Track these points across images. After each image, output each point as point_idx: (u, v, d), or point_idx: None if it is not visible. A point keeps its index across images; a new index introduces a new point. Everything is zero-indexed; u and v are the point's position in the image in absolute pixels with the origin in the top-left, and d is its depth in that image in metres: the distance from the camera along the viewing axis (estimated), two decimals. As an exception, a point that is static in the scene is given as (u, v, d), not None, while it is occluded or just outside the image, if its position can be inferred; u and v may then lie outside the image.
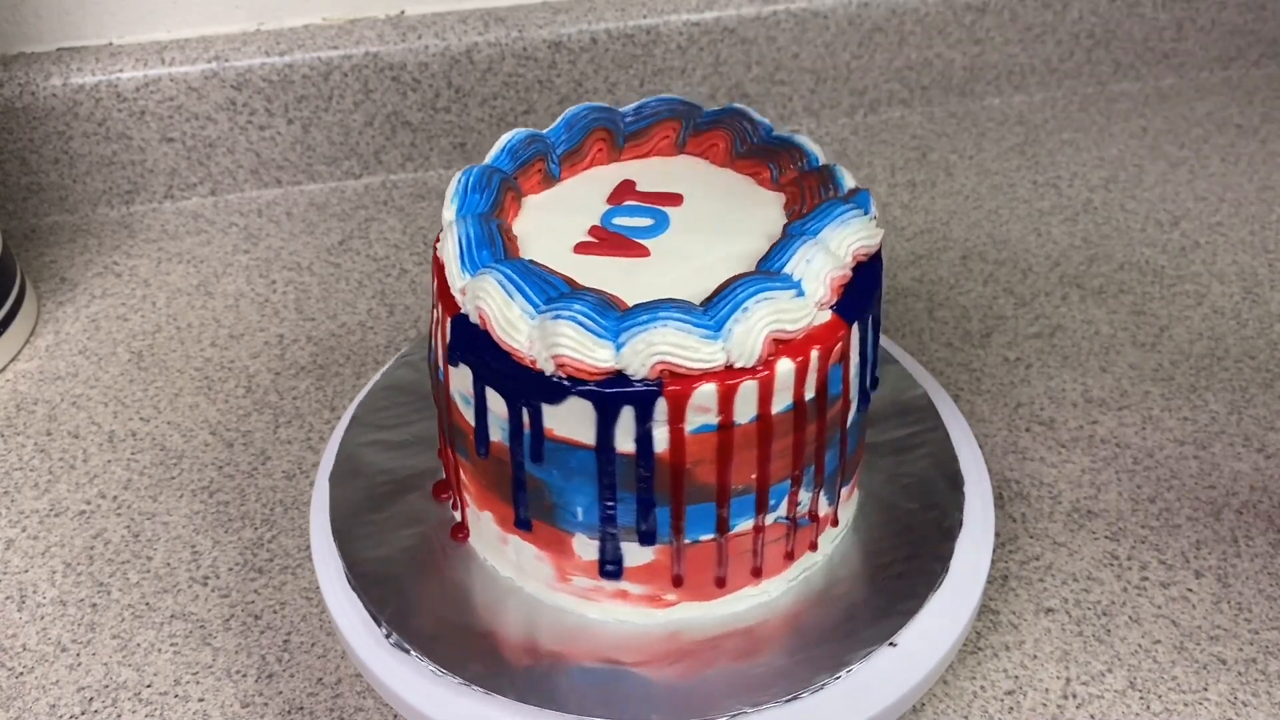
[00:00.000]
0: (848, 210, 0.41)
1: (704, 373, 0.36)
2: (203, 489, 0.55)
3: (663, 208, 0.43)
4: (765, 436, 0.38)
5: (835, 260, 0.39)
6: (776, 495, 0.40)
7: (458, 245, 0.40)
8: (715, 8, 0.78)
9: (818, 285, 0.38)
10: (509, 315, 0.37)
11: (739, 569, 0.42)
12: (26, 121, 0.71)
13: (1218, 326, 0.65)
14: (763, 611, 0.42)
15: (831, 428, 0.40)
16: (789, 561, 0.43)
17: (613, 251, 0.41)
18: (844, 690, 0.40)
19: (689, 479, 0.38)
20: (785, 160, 0.45)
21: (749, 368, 0.37)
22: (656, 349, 0.36)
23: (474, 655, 0.40)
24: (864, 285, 0.40)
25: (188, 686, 0.46)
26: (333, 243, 0.73)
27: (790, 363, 0.37)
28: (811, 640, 0.41)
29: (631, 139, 0.47)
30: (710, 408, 0.37)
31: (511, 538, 0.42)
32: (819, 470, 0.41)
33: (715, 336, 0.36)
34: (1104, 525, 0.52)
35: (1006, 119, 0.85)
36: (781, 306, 0.37)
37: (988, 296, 0.67)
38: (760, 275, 0.38)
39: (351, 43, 0.74)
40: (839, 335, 0.38)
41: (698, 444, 0.38)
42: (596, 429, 0.37)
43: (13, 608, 0.49)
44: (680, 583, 0.41)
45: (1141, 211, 0.75)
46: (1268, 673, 0.46)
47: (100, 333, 0.65)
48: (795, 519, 0.42)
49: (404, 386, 0.51)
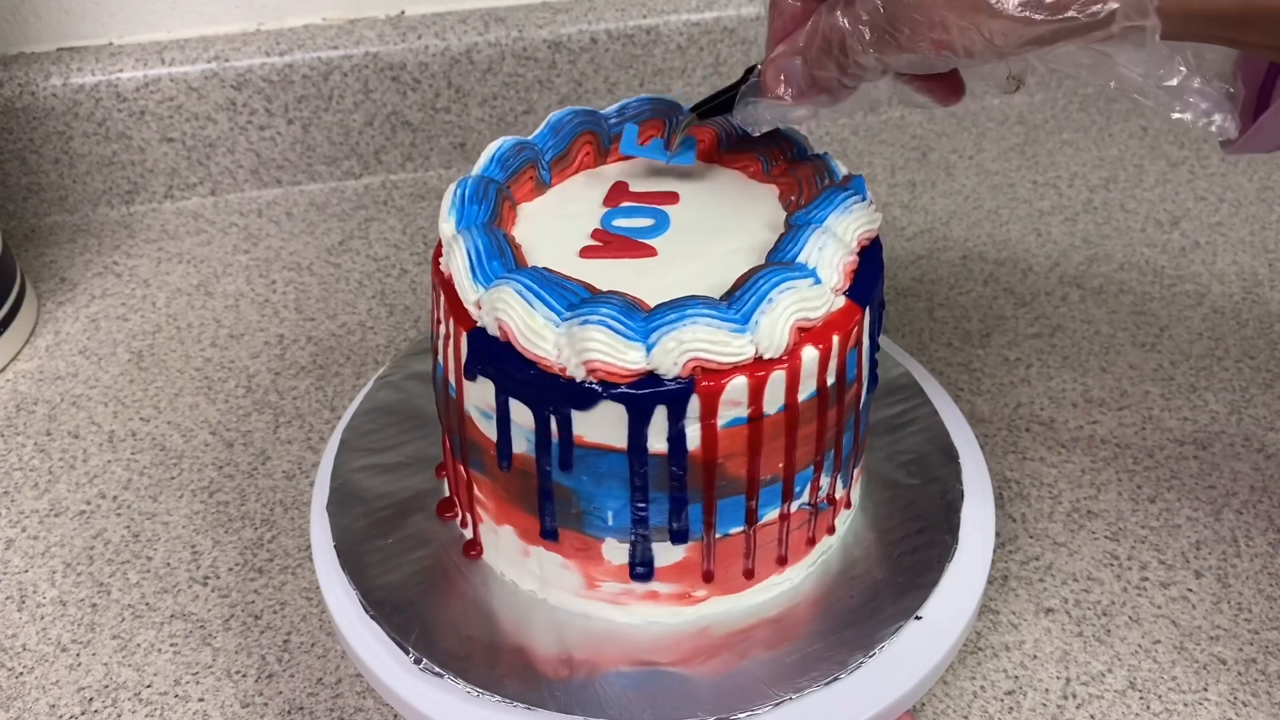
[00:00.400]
0: (848, 196, 0.41)
1: (734, 366, 0.36)
2: (203, 489, 0.55)
3: (660, 207, 0.43)
4: (792, 425, 0.39)
5: (845, 247, 0.39)
6: (801, 482, 0.41)
7: (467, 258, 0.39)
8: (715, 8, 0.78)
9: (832, 272, 0.39)
10: (532, 324, 0.36)
11: (765, 559, 0.42)
12: (26, 121, 0.71)
13: (1218, 326, 0.65)
14: (788, 598, 0.43)
15: (848, 411, 0.41)
16: (810, 547, 0.43)
17: (620, 253, 0.41)
18: (876, 667, 0.40)
19: (720, 474, 0.39)
20: (774, 152, 0.46)
21: (777, 358, 0.37)
22: (688, 346, 0.36)
23: (508, 672, 0.40)
24: (870, 269, 0.41)
25: (188, 686, 0.46)
26: (333, 243, 0.73)
27: (814, 350, 0.38)
28: (842, 622, 0.42)
29: (617, 141, 0.47)
30: (741, 400, 0.37)
31: (535, 549, 0.42)
32: (838, 454, 0.42)
33: (744, 330, 0.36)
34: (1104, 525, 0.52)
35: (1006, 119, 0.85)
36: (804, 295, 0.37)
37: (988, 296, 0.67)
38: (779, 266, 0.38)
39: (351, 43, 0.74)
40: (855, 320, 0.39)
41: (729, 438, 0.38)
42: (629, 431, 0.37)
43: (13, 608, 0.49)
44: (711, 578, 0.41)
45: (1141, 211, 0.75)
46: (1268, 673, 0.46)
47: (100, 333, 0.65)
48: (816, 504, 0.42)
49: (388, 408, 0.51)
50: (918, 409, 0.50)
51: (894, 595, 0.43)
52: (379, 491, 0.47)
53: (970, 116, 0.86)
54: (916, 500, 0.46)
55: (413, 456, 0.49)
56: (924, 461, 0.48)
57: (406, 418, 0.50)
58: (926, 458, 0.48)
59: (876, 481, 0.47)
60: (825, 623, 0.42)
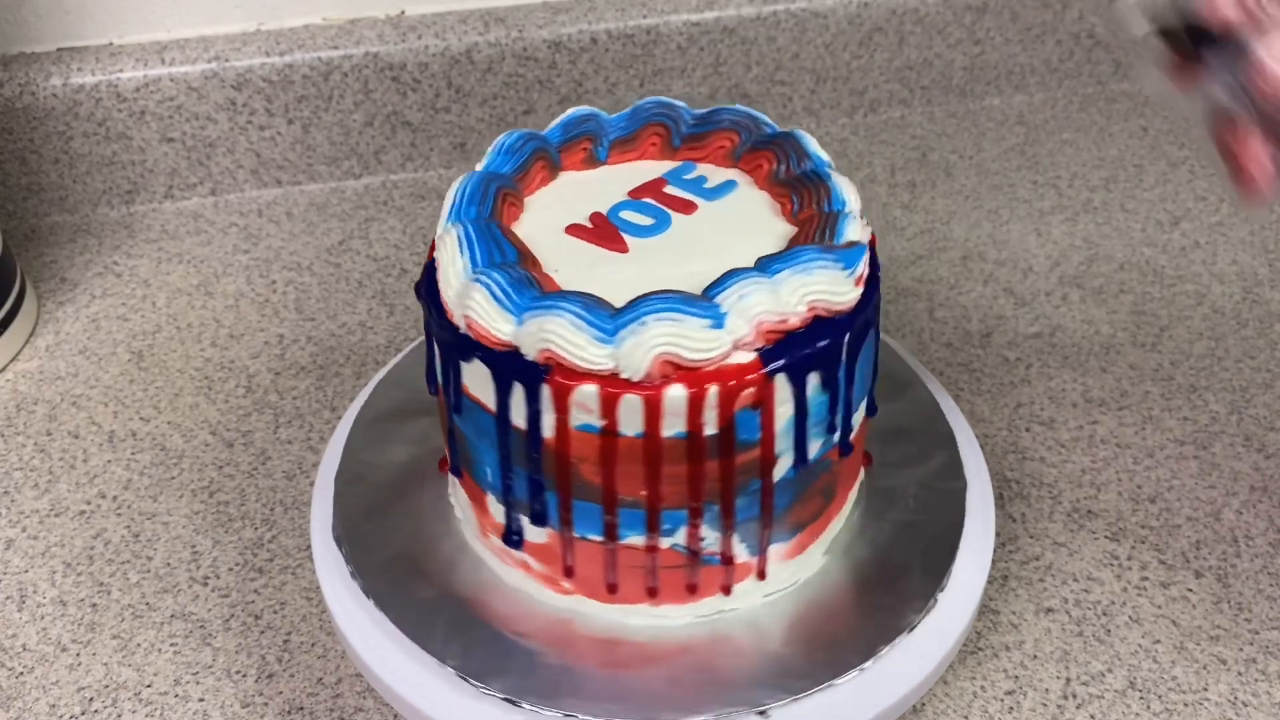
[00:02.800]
0: (819, 258, 0.38)
1: (588, 373, 0.36)
2: (203, 489, 0.55)
3: (673, 211, 0.43)
4: (653, 456, 0.37)
5: (776, 304, 0.37)
6: (670, 520, 0.39)
7: (454, 198, 0.42)
8: (715, 8, 0.78)
9: (742, 323, 0.37)
10: (452, 269, 0.39)
11: (632, 581, 0.41)
12: (26, 121, 0.71)
13: (1218, 326, 0.65)
14: (658, 634, 0.42)
15: (744, 473, 0.39)
16: (692, 595, 0.42)
17: (596, 240, 0.42)
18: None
19: (575, 474, 0.39)
20: (810, 196, 0.43)
21: (636, 381, 0.36)
22: (545, 333, 0.36)
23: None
24: (822, 341, 0.38)
25: (188, 686, 0.46)
26: (333, 243, 0.73)
27: (684, 390, 0.36)
28: (685, 689, 0.40)
29: (689, 141, 0.47)
30: (592, 409, 0.37)
31: (454, 480, 0.45)
32: (727, 512, 0.40)
33: (608, 341, 0.36)
34: (1104, 525, 0.52)
35: (1006, 119, 0.85)
36: (684, 332, 0.36)
37: (988, 296, 0.67)
38: (679, 296, 0.37)
39: (351, 43, 0.74)
40: (750, 379, 0.37)
41: (581, 441, 0.38)
42: (496, 396, 0.38)
43: (13, 608, 0.49)
44: (572, 574, 0.42)
45: (1141, 211, 0.75)
46: (1268, 673, 0.46)
47: (100, 333, 0.65)
48: (698, 553, 0.40)
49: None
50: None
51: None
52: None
53: (970, 116, 0.86)
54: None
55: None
56: (923, 460, 0.48)
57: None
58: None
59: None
60: (670, 683, 0.40)
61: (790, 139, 0.45)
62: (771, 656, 0.41)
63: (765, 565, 0.42)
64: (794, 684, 0.39)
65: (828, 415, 0.40)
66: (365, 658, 0.41)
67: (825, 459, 0.41)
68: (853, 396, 0.41)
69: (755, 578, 0.42)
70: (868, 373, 0.42)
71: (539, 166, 0.45)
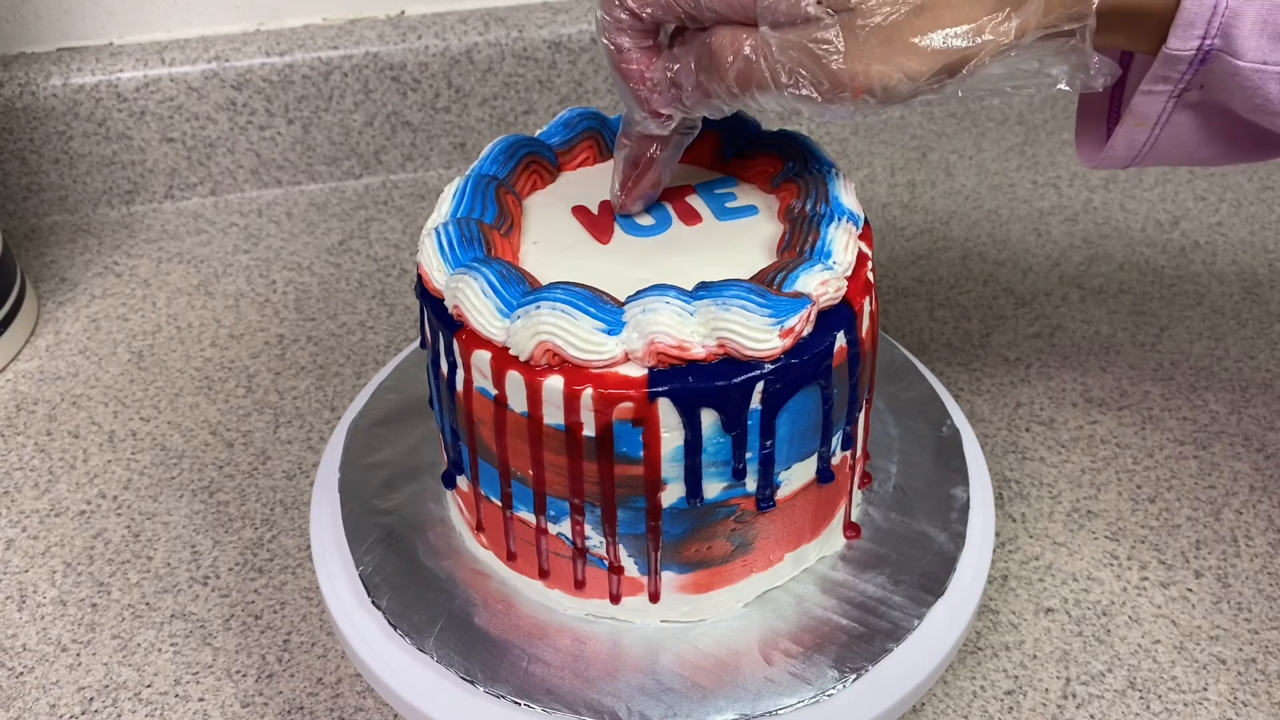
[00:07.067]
0: (744, 299, 0.36)
1: (484, 339, 0.38)
2: (203, 489, 0.55)
3: (677, 219, 0.43)
4: (535, 437, 0.38)
5: (677, 329, 0.36)
6: (555, 508, 0.40)
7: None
8: (715, 8, 0.78)
9: (636, 336, 0.36)
10: (436, 215, 0.42)
11: (526, 555, 0.42)
12: (26, 121, 0.71)
13: (1218, 326, 0.65)
14: (550, 616, 0.43)
15: (625, 485, 0.38)
16: (580, 591, 0.42)
17: (588, 225, 0.43)
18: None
19: (478, 433, 0.40)
20: (798, 237, 0.40)
21: (521, 361, 0.37)
22: (459, 292, 0.38)
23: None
24: (722, 381, 0.36)
25: (188, 686, 0.46)
26: (333, 243, 0.73)
27: (559, 380, 0.36)
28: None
29: (737, 157, 0.46)
30: (486, 375, 0.38)
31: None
32: (610, 521, 0.39)
33: (506, 315, 0.37)
34: (1104, 525, 0.52)
35: (1006, 119, 0.85)
36: (566, 327, 0.36)
37: (988, 296, 0.67)
38: (588, 294, 0.37)
39: (351, 43, 0.74)
40: (630, 394, 0.36)
41: (480, 404, 0.39)
42: (430, 339, 0.41)
43: (13, 608, 0.49)
44: (481, 528, 0.44)
45: (1141, 211, 0.75)
46: (1268, 673, 0.46)
47: (100, 333, 0.65)
48: (582, 550, 0.41)
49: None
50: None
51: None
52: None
53: (970, 116, 0.86)
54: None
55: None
56: (923, 460, 0.48)
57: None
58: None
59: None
60: None
61: (820, 179, 0.43)
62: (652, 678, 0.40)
63: (658, 588, 0.41)
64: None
65: (730, 459, 0.38)
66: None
67: (731, 504, 0.39)
68: (775, 450, 0.39)
69: (647, 598, 0.42)
70: (809, 431, 0.39)
71: (585, 146, 0.47)
